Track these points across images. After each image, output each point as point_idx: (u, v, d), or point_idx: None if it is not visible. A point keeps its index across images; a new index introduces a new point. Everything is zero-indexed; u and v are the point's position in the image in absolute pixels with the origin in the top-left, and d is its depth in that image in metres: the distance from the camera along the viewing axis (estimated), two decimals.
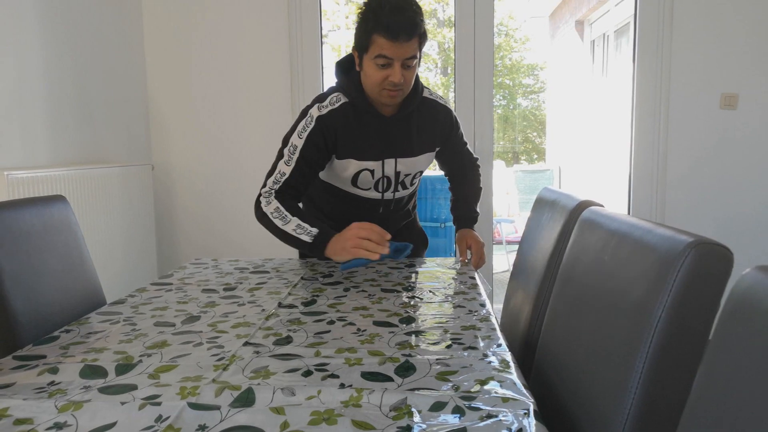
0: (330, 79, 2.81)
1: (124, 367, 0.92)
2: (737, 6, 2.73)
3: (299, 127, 1.55)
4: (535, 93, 11.30)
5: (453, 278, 1.52)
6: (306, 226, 1.47)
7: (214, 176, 2.99)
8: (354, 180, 1.61)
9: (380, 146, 1.57)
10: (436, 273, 1.58)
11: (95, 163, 2.49)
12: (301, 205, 1.70)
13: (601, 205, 1.21)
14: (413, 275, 1.55)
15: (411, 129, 1.59)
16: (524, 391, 0.82)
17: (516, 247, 2.05)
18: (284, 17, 2.87)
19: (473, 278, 1.52)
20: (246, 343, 1.02)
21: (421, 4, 1.45)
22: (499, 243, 5.11)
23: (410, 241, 1.81)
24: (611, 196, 4.50)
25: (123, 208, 2.56)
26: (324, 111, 1.53)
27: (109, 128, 2.66)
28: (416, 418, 0.73)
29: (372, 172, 1.59)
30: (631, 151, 2.91)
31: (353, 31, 1.49)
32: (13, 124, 2.05)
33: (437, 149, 1.70)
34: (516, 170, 7.32)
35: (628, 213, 2.89)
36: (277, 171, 1.56)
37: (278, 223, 1.50)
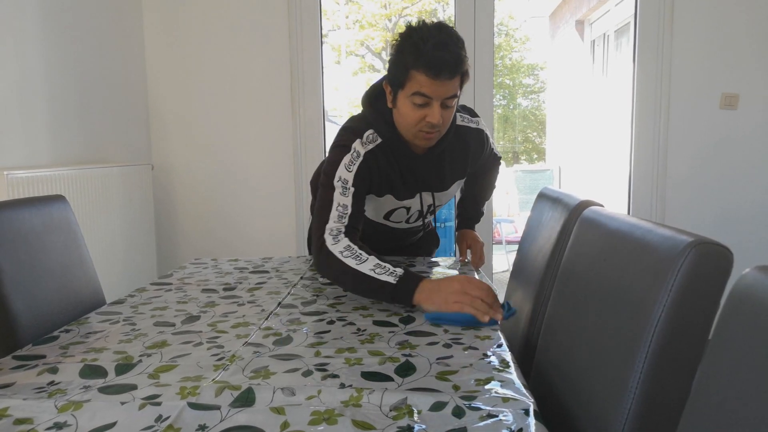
0: (330, 79, 2.80)
1: (123, 367, 0.92)
2: (737, 6, 2.73)
3: (345, 161, 1.38)
4: (535, 93, 11.30)
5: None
6: (387, 265, 1.24)
7: (214, 176, 2.99)
8: (388, 215, 1.55)
9: (415, 184, 1.49)
10: (435, 273, 1.58)
11: (95, 163, 2.49)
12: None
13: (601, 205, 1.21)
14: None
15: (444, 164, 1.50)
16: (524, 391, 0.82)
17: (516, 247, 2.05)
18: (284, 17, 2.87)
19: None
20: (246, 343, 1.02)
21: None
22: (499, 243, 5.11)
23: (424, 242, 1.82)
24: (611, 195, 4.50)
25: (123, 208, 2.56)
26: (368, 147, 1.40)
27: (109, 128, 2.66)
28: (416, 418, 0.73)
29: (408, 209, 1.54)
30: (632, 150, 2.91)
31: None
32: (13, 123, 2.05)
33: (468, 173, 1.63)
34: (516, 170, 7.32)
35: (628, 213, 2.89)
36: (336, 204, 1.35)
37: (351, 263, 1.25)
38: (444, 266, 1.67)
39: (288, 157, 2.93)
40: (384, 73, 1.45)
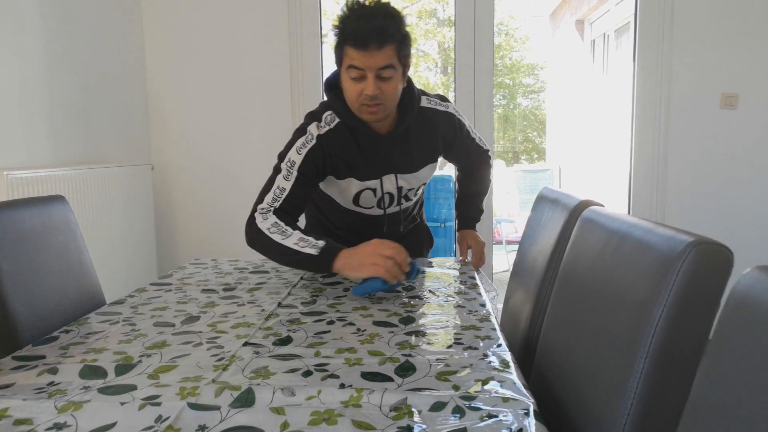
0: None
1: (123, 368, 0.92)
2: (737, 6, 2.73)
3: (298, 143, 1.45)
4: (535, 93, 11.30)
5: (453, 278, 1.52)
6: (310, 239, 1.31)
7: (214, 176, 2.99)
8: (356, 199, 1.55)
9: (379, 165, 1.50)
10: (436, 273, 1.58)
11: (95, 163, 2.49)
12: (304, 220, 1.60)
13: (602, 205, 1.21)
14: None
15: (410, 145, 1.50)
16: (524, 391, 0.82)
17: (516, 247, 2.05)
18: (284, 17, 2.87)
19: (473, 278, 1.52)
20: (246, 344, 1.02)
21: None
22: (499, 243, 5.11)
23: (416, 240, 1.81)
24: (611, 195, 4.50)
25: (123, 208, 2.56)
26: (323, 130, 1.45)
27: (109, 128, 2.66)
28: (416, 418, 0.73)
29: (374, 191, 1.53)
30: (632, 150, 2.91)
31: None
32: (13, 124, 2.05)
33: (440, 158, 1.63)
34: (516, 170, 7.32)
35: (629, 213, 2.89)
36: (275, 186, 1.43)
37: (277, 238, 1.34)
38: (444, 266, 1.67)
39: None
40: None
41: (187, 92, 2.95)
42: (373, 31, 1.27)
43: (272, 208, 1.41)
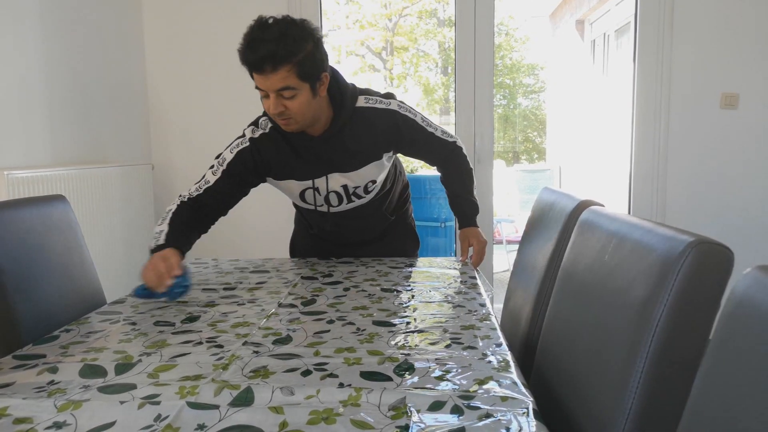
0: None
1: (123, 367, 0.92)
2: (737, 6, 2.73)
3: (232, 144, 1.54)
4: (535, 93, 11.29)
5: (453, 278, 1.52)
6: (160, 237, 1.40)
7: None
8: (302, 197, 1.61)
9: (318, 165, 1.54)
10: (435, 273, 1.58)
11: (95, 163, 2.49)
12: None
13: (602, 205, 1.21)
14: (413, 275, 1.55)
15: (346, 144, 1.52)
16: (523, 390, 0.82)
17: (516, 247, 2.05)
18: None
19: (473, 278, 1.52)
20: (245, 343, 1.02)
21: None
22: (500, 243, 5.10)
23: (397, 240, 1.83)
24: (611, 195, 4.50)
25: (123, 208, 2.56)
26: (257, 134, 1.52)
27: (109, 128, 2.66)
28: (415, 417, 0.73)
29: (317, 189, 1.57)
30: (632, 150, 2.91)
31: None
32: (13, 124, 2.05)
33: (388, 154, 1.62)
34: (516, 170, 7.32)
35: (629, 213, 2.89)
36: (202, 179, 1.53)
37: (158, 222, 1.45)
38: (444, 266, 1.67)
39: None
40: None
41: (187, 92, 2.95)
42: (265, 57, 1.30)
43: (188, 197, 1.51)
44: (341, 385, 0.83)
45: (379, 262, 1.70)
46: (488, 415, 0.74)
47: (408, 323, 1.13)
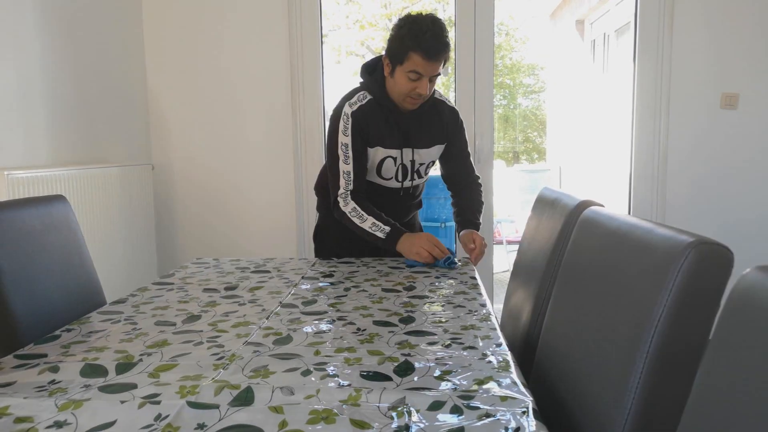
0: (329, 80, 2.80)
1: (124, 366, 0.92)
2: (737, 6, 2.73)
3: (341, 127, 1.72)
4: (535, 93, 11.29)
5: (453, 278, 1.52)
6: (380, 224, 1.70)
7: (214, 176, 2.99)
8: (378, 169, 1.78)
9: (400, 137, 1.75)
10: (436, 273, 1.58)
11: (95, 163, 2.49)
12: None
13: (602, 205, 1.21)
14: (413, 275, 1.55)
15: (422, 123, 1.77)
16: (523, 390, 0.82)
17: (516, 247, 2.05)
18: (284, 17, 2.87)
19: (473, 278, 1.53)
20: (246, 343, 1.02)
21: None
22: (500, 243, 5.10)
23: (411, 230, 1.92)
24: (611, 195, 4.50)
25: (123, 208, 2.56)
26: (355, 107, 1.72)
27: (109, 128, 2.66)
28: (414, 417, 0.73)
29: (394, 159, 1.77)
30: (632, 150, 2.91)
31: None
32: (13, 124, 2.05)
33: (445, 144, 1.85)
34: (516, 170, 7.31)
35: (629, 213, 2.89)
36: (342, 172, 1.73)
37: (356, 221, 1.72)
38: (444, 266, 1.67)
39: (288, 156, 2.93)
40: None
41: (187, 92, 2.95)
42: (442, 49, 1.61)
43: (348, 192, 1.74)
44: (341, 385, 0.83)
45: (380, 262, 1.71)
46: (488, 415, 0.74)
47: (408, 323, 1.13)
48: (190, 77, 2.94)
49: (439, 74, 1.66)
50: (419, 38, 1.58)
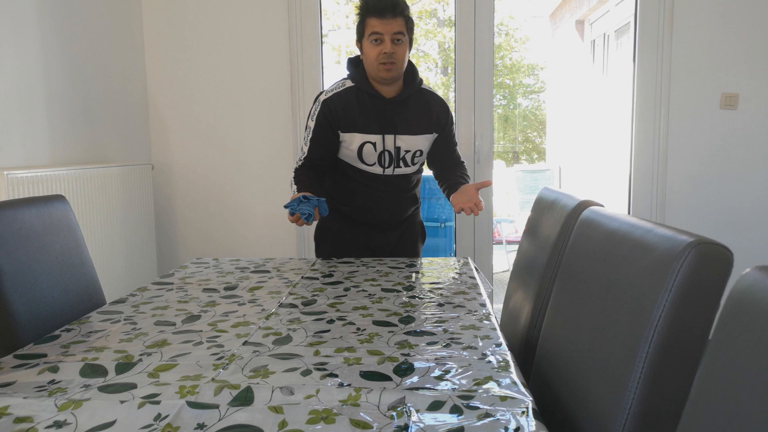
0: (329, 80, 2.80)
1: (124, 366, 0.92)
2: (737, 6, 2.73)
3: (311, 112, 1.83)
4: (535, 93, 11.29)
5: (453, 278, 1.52)
6: (297, 188, 1.77)
7: (214, 176, 2.99)
8: (360, 153, 1.80)
9: (380, 122, 1.78)
10: (435, 273, 1.58)
11: (95, 163, 2.49)
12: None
13: (601, 205, 1.21)
14: (413, 275, 1.55)
15: (408, 110, 1.81)
16: (523, 390, 0.82)
17: (516, 247, 2.05)
18: (284, 17, 2.87)
19: (473, 278, 1.53)
20: (246, 343, 1.02)
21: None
22: (499, 243, 5.10)
23: (410, 233, 1.98)
24: (611, 195, 4.50)
25: (123, 208, 2.56)
26: (329, 95, 1.80)
27: (109, 128, 2.66)
28: (414, 417, 0.73)
29: (374, 144, 1.79)
30: (632, 150, 2.91)
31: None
32: (13, 123, 2.05)
33: (435, 135, 1.87)
34: (516, 170, 7.31)
35: (628, 213, 2.89)
36: (301, 150, 1.86)
37: (294, 185, 1.82)
38: (444, 266, 1.67)
39: (288, 156, 2.93)
40: None
41: (187, 92, 2.95)
42: (387, 6, 1.68)
43: (299, 164, 1.85)
44: (341, 385, 0.83)
45: (379, 262, 1.71)
46: (488, 415, 0.74)
47: (408, 323, 1.13)
48: (190, 77, 2.94)
49: (403, 35, 1.71)
50: (368, 2, 1.70)
